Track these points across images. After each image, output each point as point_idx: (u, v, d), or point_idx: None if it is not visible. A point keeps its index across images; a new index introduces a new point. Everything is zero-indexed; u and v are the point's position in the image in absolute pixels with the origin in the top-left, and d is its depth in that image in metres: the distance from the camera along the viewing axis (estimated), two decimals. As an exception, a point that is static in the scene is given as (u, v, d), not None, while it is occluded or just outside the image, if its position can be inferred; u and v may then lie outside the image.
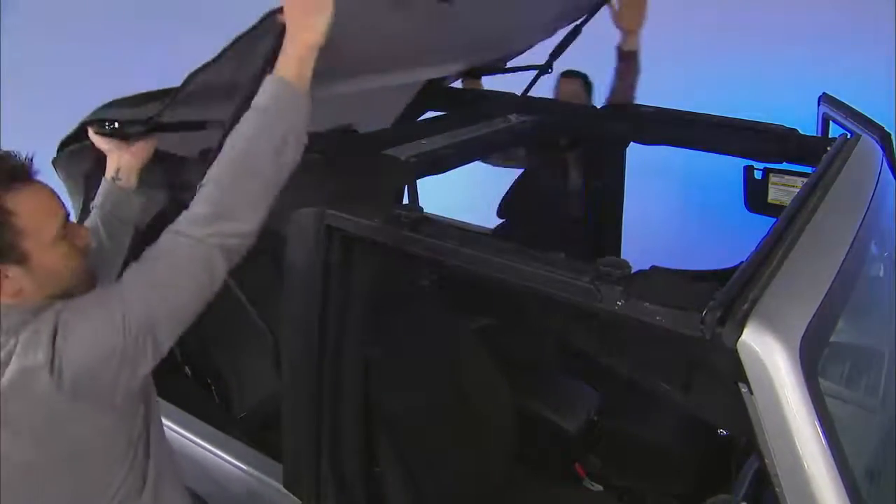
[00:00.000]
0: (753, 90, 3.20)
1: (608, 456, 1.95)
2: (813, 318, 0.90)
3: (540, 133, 2.15)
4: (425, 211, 1.26)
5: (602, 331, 1.48)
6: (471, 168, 1.86)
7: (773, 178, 1.88)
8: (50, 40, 4.53)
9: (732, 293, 0.90)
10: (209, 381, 2.09)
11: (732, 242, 1.61)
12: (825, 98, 1.94)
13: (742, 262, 1.00)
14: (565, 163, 2.54)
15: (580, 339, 1.58)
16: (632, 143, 2.18)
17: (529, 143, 2.53)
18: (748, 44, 3.37)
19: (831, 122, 1.92)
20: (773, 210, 1.87)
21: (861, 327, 1.33)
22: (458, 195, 3.05)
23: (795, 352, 0.85)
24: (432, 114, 2.28)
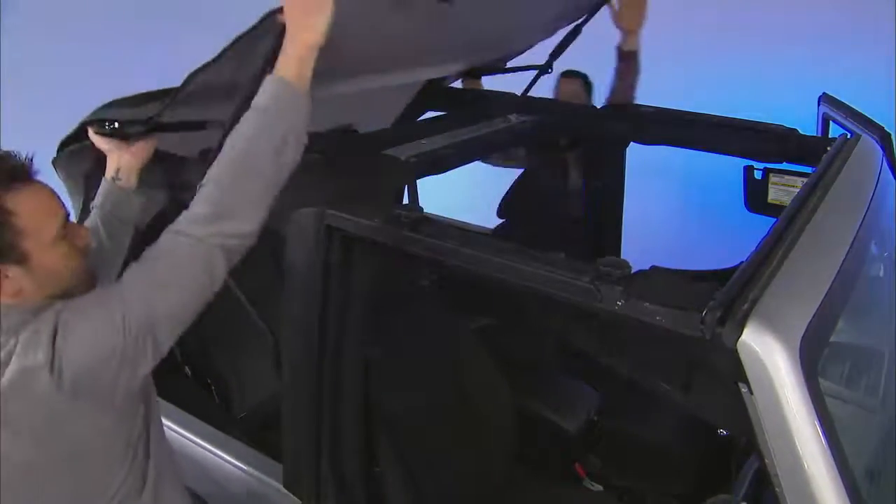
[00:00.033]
0: (753, 90, 3.20)
1: (608, 456, 1.95)
2: (813, 318, 0.90)
3: (540, 133, 2.15)
4: (425, 211, 1.26)
5: (602, 331, 1.48)
6: (471, 168, 1.86)
7: (773, 178, 1.88)
8: (50, 40, 4.53)
9: (732, 293, 0.90)
10: (209, 382, 2.09)
11: (732, 242, 1.60)
12: (825, 98, 1.94)
13: (742, 262, 1.00)
14: (565, 163, 2.54)
15: (580, 339, 1.58)
16: (632, 143, 2.18)
17: (529, 143, 2.53)
18: (748, 44, 3.37)
19: (831, 122, 1.92)
20: (773, 210, 1.87)
21: (861, 327, 1.33)
22: (458, 195, 3.05)
23: (795, 352, 0.85)
24: (432, 114, 2.28)
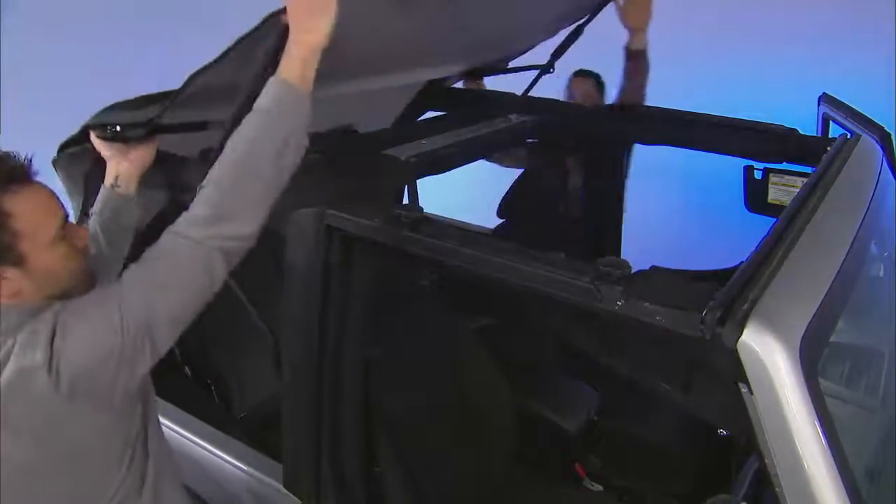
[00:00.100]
0: (753, 90, 3.20)
1: (608, 456, 1.95)
2: (813, 318, 0.90)
3: (540, 133, 2.15)
4: (425, 211, 1.26)
5: (602, 331, 1.48)
6: (471, 168, 1.86)
7: (773, 178, 1.88)
8: (50, 40, 4.53)
9: (732, 293, 0.90)
10: (209, 382, 2.09)
11: (732, 242, 1.60)
12: (825, 98, 1.94)
13: (742, 262, 1.00)
14: (565, 163, 2.54)
15: (580, 339, 1.59)
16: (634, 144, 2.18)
17: (530, 143, 2.53)
18: (748, 44, 3.37)
19: (831, 122, 1.92)
20: (773, 210, 1.87)
21: (861, 327, 1.33)
22: (458, 195, 3.05)
23: (795, 352, 0.85)
24: (432, 114, 2.28)
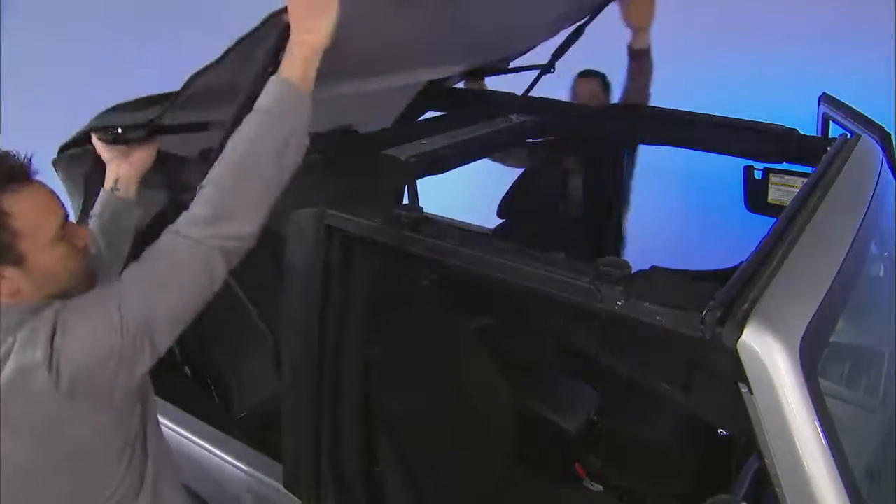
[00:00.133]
0: (753, 90, 3.20)
1: (608, 456, 1.95)
2: (813, 318, 0.90)
3: (540, 133, 2.15)
4: (425, 211, 1.26)
5: (602, 331, 1.48)
6: (471, 168, 1.86)
7: (773, 178, 1.88)
8: (50, 40, 4.53)
9: (732, 293, 0.90)
10: (209, 381, 2.09)
11: (732, 242, 1.60)
12: (825, 98, 1.94)
13: (742, 262, 1.00)
14: (566, 163, 2.54)
15: (580, 340, 1.59)
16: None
17: (530, 143, 2.53)
18: (748, 44, 3.37)
19: (831, 122, 1.92)
20: (773, 210, 1.87)
21: (861, 327, 1.33)
22: (458, 195, 3.05)
23: (795, 352, 0.85)
24: (432, 114, 2.28)
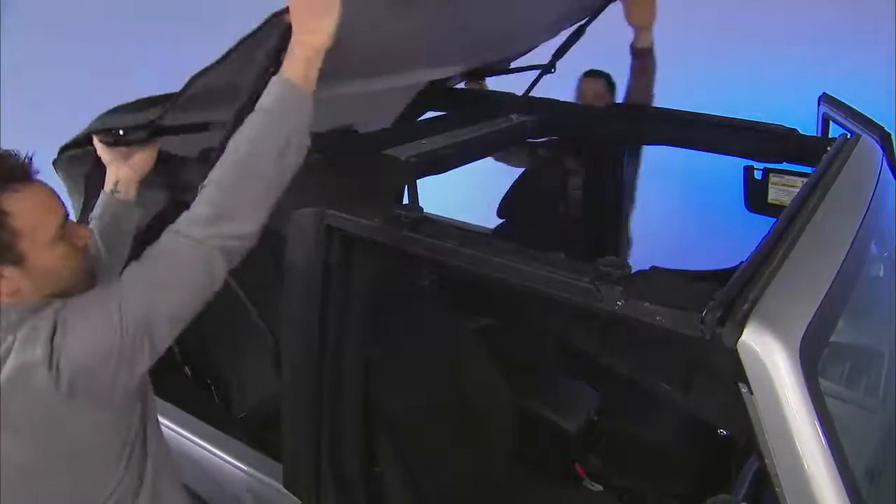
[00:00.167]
0: (753, 90, 3.20)
1: (608, 456, 1.95)
2: (813, 318, 0.90)
3: (541, 133, 2.15)
4: (425, 211, 1.26)
5: (602, 331, 1.48)
6: (471, 168, 1.86)
7: (773, 178, 1.88)
8: (50, 40, 4.53)
9: (732, 293, 0.90)
10: (209, 381, 2.09)
11: (732, 242, 1.60)
12: (825, 98, 1.94)
13: (742, 262, 1.00)
14: (566, 163, 2.54)
15: (580, 340, 1.59)
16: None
17: (530, 143, 2.53)
18: (748, 44, 3.38)
19: (831, 122, 1.92)
20: (773, 210, 1.87)
21: (861, 327, 1.33)
22: (458, 195, 3.05)
23: (795, 352, 0.85)
24: (433, 114, 2.28)
